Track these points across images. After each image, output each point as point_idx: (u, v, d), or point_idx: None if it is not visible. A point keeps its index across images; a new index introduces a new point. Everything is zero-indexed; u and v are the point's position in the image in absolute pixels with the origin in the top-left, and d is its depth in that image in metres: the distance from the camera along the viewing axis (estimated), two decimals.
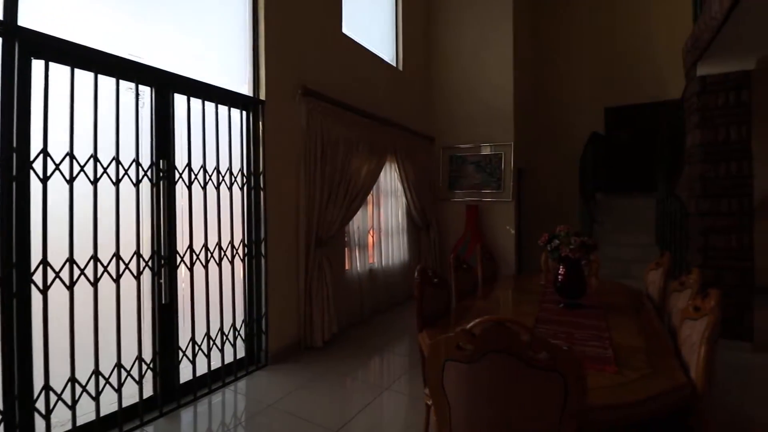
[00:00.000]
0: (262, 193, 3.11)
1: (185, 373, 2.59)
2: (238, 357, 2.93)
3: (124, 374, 2.23)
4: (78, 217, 2.05)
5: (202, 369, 2.68)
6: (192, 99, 2.64)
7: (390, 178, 4.88)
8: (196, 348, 2.62)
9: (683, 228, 3.86)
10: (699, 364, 1.37)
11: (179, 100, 2.59)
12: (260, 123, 3.13)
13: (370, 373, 3.20)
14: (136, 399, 2.30)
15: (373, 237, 4.53)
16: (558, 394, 1.17)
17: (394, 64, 5.28)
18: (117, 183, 2.21)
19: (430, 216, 5.37)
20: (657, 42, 6.13)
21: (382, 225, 4.67)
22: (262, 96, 3.14)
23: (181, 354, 2.55)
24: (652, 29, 6.19)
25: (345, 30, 4.18)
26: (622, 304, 2.36)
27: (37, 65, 1.95)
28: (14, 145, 1.87)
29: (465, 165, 5.46)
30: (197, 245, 2.63)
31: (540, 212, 6.61)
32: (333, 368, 3.07)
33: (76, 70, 2.07)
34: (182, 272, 2.60)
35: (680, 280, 2.09)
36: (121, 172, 2.23)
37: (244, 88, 3.12)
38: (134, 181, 2.30)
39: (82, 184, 2.08)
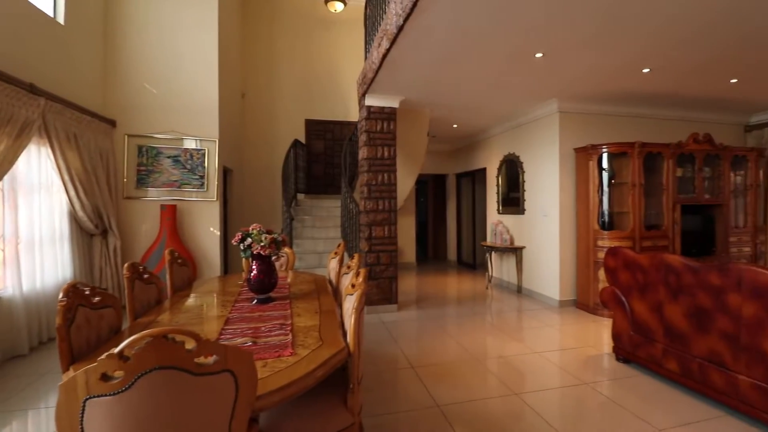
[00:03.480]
0: None
1: None
2: None
3: None
4: None
5: None
6: None
7: (40, 167, 3.58)
8: None
9: (357, 222, 4.83)
10: (351, 330, 1.68)
11: None
12: None
13: None
14: None
15: (4, 251, 3.15)
16: (229, 392, 1.15)
17: (53, 15, 3.94)
18: None
19: (109, 218, 4.33)
20: (343, 72, 7.47)
21: (24, 233, 3.34)
22: None
23: None
24: (340, 61, 7.49)
25: None
26: (308, 291, 2.64)
27: None
28: None
29: (160, 158, 4.75)
30: None
31: (249, 212, 6.68)
32: None
33: None
34: None
35: (348, 264, 2.54)
36: None
37: None
38: None
39: None
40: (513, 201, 6.00)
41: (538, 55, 3.56)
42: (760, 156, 5.28)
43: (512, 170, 6.02)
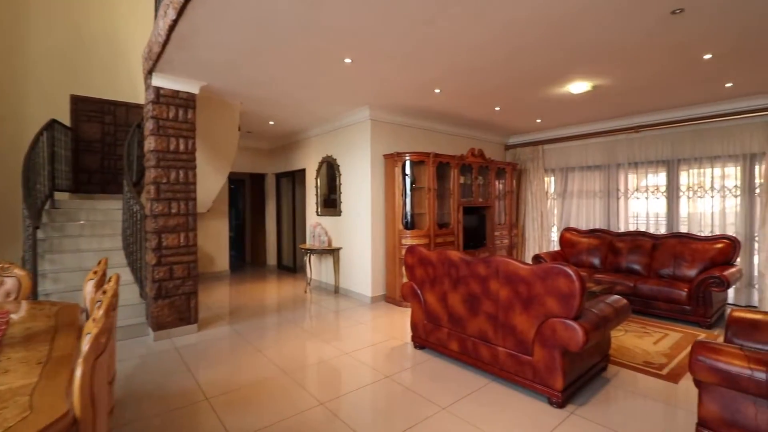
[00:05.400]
0: None
1: None
2: None
3: None
4: None
5: None
6: None
7: None
8: None
9: (144, 229, 3.95)
10: (78, 387, 1.20)
11: None
12: None
13: None
14: None
15: None
16: None
17: None
18: None
19: None
20: (131, 42, 6.08)
21: None
22: None
23: None
24: (127, 27, 6.08)
25: None
26: (41, 331, 1.90)
27: None
28: None
29: None
30: None
31: None
32: None
33: None
34: None
35: (104, 288, 1.93)
36: None
37: None
38: None
39: None
40: (331, 203, 6.07)
41: (347, 60, 3.61)
42: (514, 169, 6.85)
43: (330, 172, 6.08)
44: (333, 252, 5.81)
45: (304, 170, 6.84)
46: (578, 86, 4.38)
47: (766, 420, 1.85)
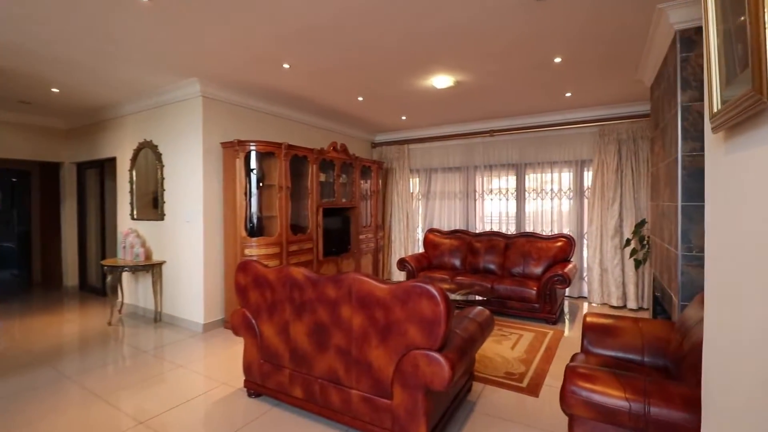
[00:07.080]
0: None
1: None
2: None
3: None
4: None
5: None
6: None
7: None
8: None
9: None
10: None
11: None
12: None
13: None
14: None
15: None
16: None
17: None
18: None
19: None
20: None
21: None
22: None
23: None
24: None
25: None
26: None
27: None
28: None
29: None
30: None
31: None
32: None
33: None
34: None
35: None
36: None
37: None
38: None
39: None
40: (151, 203, 4.66)
41: None
42: (381, 168, 6.47)
43: (149, 163, 4.67)
44: (152, 268, 4.42)
45: (115, 159, 5.18)
46: (442, 80, 4.10)
47: None
